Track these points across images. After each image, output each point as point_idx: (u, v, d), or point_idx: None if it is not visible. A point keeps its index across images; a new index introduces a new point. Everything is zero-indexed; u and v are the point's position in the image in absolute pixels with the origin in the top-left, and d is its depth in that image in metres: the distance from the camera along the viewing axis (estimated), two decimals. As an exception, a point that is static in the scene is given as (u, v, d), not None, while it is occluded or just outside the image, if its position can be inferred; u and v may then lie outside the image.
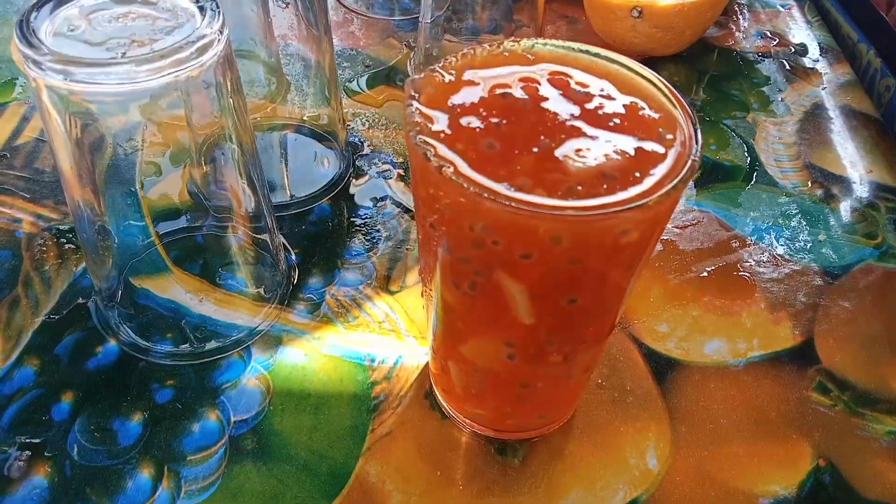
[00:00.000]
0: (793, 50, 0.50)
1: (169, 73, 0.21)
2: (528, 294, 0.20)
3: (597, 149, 0.20)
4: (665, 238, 0.36)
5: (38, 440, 0.26)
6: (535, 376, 0.24)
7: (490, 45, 0.22)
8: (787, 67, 0.48)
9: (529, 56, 0.22)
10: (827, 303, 0.34)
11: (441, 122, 0.20)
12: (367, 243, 0.35)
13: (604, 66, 0.22)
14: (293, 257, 0.33)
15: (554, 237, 0.18)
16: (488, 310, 0.21)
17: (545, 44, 0.23)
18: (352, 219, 0.36)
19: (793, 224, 0.37)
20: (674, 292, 0.34)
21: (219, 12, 0.24)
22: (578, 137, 0.20)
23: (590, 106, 0.21)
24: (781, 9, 0.54)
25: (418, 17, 0.48)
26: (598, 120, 0.20)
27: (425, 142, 0.19)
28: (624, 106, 0.21)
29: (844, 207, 0.38)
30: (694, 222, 0.37)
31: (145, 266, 0.31)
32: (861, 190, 0.39)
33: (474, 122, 0.20)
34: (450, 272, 0.21)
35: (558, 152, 0.19)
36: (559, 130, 0.20)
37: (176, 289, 0.31)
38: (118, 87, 0.21)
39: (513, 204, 0.17)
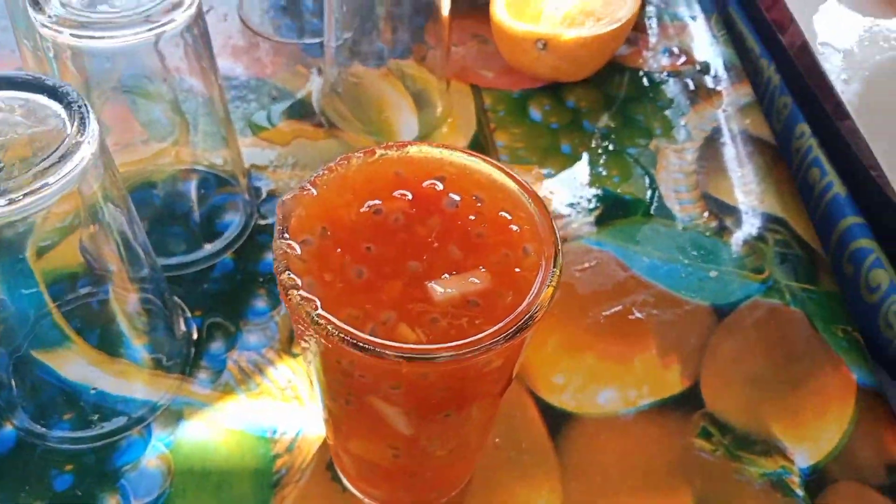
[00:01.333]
0: (697, 68, 0.51)
1: (40, 197, 0.21)
2: (403, 413, 0.21)
3: (463, 271, 0.20)
4: (564, 282, 0.37)
5: (-71, 539, 0.26)
6: (423, 469, 0.25)
7: (364, 153, 0.22)
8: (691, 88, 0.49)
9: (403, 164, 0.23)
10: (714, 343, 0.36)
11: (309, 250, 0.20)
12: (270, 301, 0.35)
13: (477, 172, 0.23)
14: (193, 322, 0.33)
15: (419, 374, 0.19)
16: (367, 422, 0.22)
17: (420, 149, 0.23)
18: (255, 274, 0.36)
19: (687, 261, 0.39)
20: (571, 340, 0.35)
21: (87, 113, 0.23)
22: (446, 259, 0.20)
23: (460, 221, 0.21)
24: (689, 21, 0.55)
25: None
26: (467, 238, 0.21)
27: (290, 277, 0.19)
28: (493, 219, 0.22)
29: (735, 240, 0.40)
30: (593, 264, 0.38)
31: (37, 341, 0.31)
32: (752, 222, 0.41)
33: (344, 248, 0.20)
34: (326, 387, 0.22)
35: (425, 278, 0.20)
36: (428, 251, 0.21)
37: (73, 363, 0.31)
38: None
39: (375, 350, 0.18)
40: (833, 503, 0.31)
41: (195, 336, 0.33)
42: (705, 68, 0.51)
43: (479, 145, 0.43)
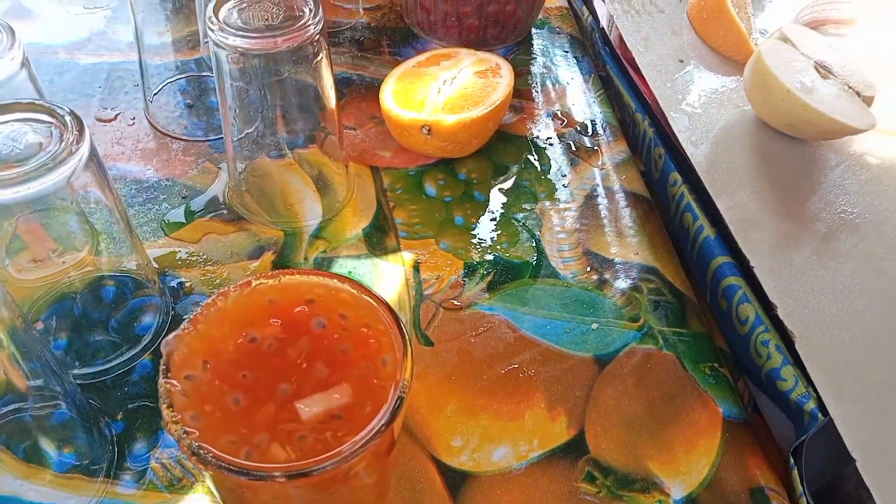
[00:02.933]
0: (577, 129, 0.56)
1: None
2: (288, 512, 0.24)
3: (329, 387, 0.24)
4: (461, 348, 0.41)
5: None
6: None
7: (241, 286, 0.26)
8: (573, 149, 0.54)
9: (276, 292, 0.26)
10: (597, 392, 0.40)
11: (191, 385, 0.23)
12: (189, 397, 0.38)
13: (343, 291, 0.27)
14: (115, 425, 0.36)
15: (293, 487, 0.22)
16: (262, 521, 0.25)
17: (292, 276, 0.27)
18: (173, 373, 0.38)
19: (570, 316, 0.43)
20: (467, 404, 0.39)
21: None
22: (313, 377, 0.24)
23: (326, 340, 0.25)
24: (569, 83, 0.60)
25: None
26: (333, 355, 0.25)
27: (171, 413, 0.23)
28: (356, 334, 0.25)
29: (614, 292, 0.45)
30: (486, 328, 0.42)
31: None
32: (628, 273, 0.46)
33: (221, 379, 0.24)
34: (223, 499, 0.25)
35: (295, 398, 0.23)
36: (297, 373, 0.24)
37: (1, 478, 0.33)
38: None
39: (248, 473, 0.21)
40: (705, 528, 0.35)
41: (117, 439, 0.35)
42: (584, 129, 0.56)
43: (380, 224, 0.47)
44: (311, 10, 0.41)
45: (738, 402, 0.40)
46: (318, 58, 0.42)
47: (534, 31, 0.66)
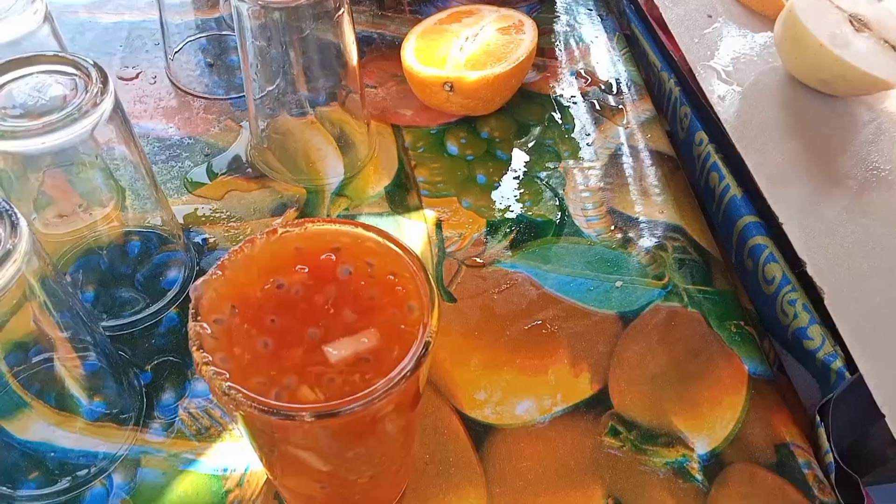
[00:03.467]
0: (601, 88, 0.55)
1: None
2: (318, 456, 0.24)
3: (357, 332, 0.24)
4: (484, 305, 0.41)
5: None
6: (351, 493, 0.28)
7: (267, 234, 0.26)
8: (597, 108, 0.53)
9: (302, 240, 0.26)
10: (620, 348, 0.40)
11: (220, 328, 0.23)
12: (215, 350, 0.38)
13: (368, 240, 0.26)
14: (143, 377, 0.37)
15: (322, 427, 0.22)
16: (292, 464, 0.26)
17: (317, 224, 0.27)
18: (199, 327, 0.39)
19: (594, 274, 0.43)
20: (490, 359, 0.39)
21: (16, 218, 0.26)
22: (341, 323, 0.24)
23: (353, 287, 0.25)
24: (593, 42, 0.59)
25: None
26: (359, 301, 0.25)
27: (202, 355, 0.23)
28: (382, 282, 0.25)
29: (639, 251, 0.44)
30: (509, 285, 0.42)
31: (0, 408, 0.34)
32: (653, 232, 0.45)
33: (250, 323, 0.24)
34: (252, 439, 0.25)
35: (323, 342, 0.24)
36: (324, 318, 0.24)
37: (34, 425, 0.34)
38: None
39: (279, 413, 0.22)
40: (728, 483, 0.35)
41: (145, 390, 0.36)
42: (609, 87, 0.55)
43: (402, 182, 0.47)
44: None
45: (765, 360, 0.40)
46: (340, 12, 0.41)
47: (557, -12, 0.64)
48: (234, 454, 0.34)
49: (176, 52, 0.54)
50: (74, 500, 0.32)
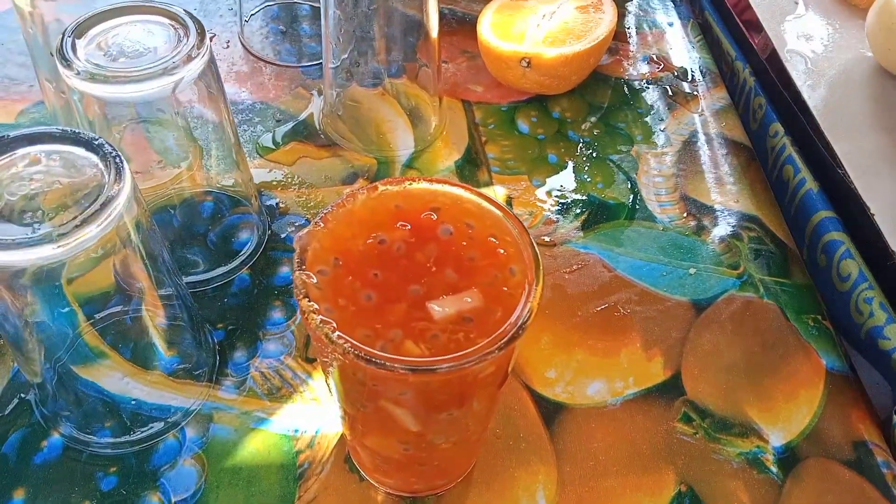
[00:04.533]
0: (675, 74, 0.54)
1: (83, 243, 0.24)
2: (411, 414, 0.24)
3: (458, 292, 0.23)
4: (555, 284, 0.41)
5: (-4, 539, 0.30)
6: (431, 458, 0.28)
7: (368, 190, 0.26)
8: (670, 94, 0.52)
9: (402, 198, 0.26)
10: (694, 335, 0.39)
11: (325, 279, 0.23)
12: (286, 312, 0.38)
13: (468, 202, 0.26)
14: (217, 333, 0.37)
15: (423, 382, 0.22)
16: (379, 422, 0.25)
17: (417, 183, 0.26)
18: (270, 287, 0.39)
19: (667, 260, 0.42)
20: (561, 338, 0.38)
21: (121, 162, 0.26)
22: (443, 281, 0.24)
23: (453, 247, 0.25)
24: (667, 28, 0.58)
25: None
26: (460, 262, 0.24)
27: (309, 304, 0.22)
28: (483, 244, 0.25)
29: (713, 239, 0.43)
30: (581, 266, 0.41)
31: (77, 357, 0.34)
32: (728, 220, 0.44)
33: (354, 276, 0.23)
34: (344, 394, 0.25)
35: (426, 299, 0.23)
36: (427, 276, 0.24)
37: (109, 376, 0.34)
38: (32, 257, 0.24)
39: (385, 364, 0.21)
40: (803, 478, 0.34)
41: (218, 347, 0.36)
42: (683, 74, 0.54)
43: (472, 159, 0.47)
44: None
45: (842, 356, 0.39)
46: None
47: (630, -28, 0.63)
48: (306, 416, 0.34)
49: (247, 21, 0.54)
50: (148, 450, 0.32)
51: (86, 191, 0.26)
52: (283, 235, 0.41)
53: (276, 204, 0.43)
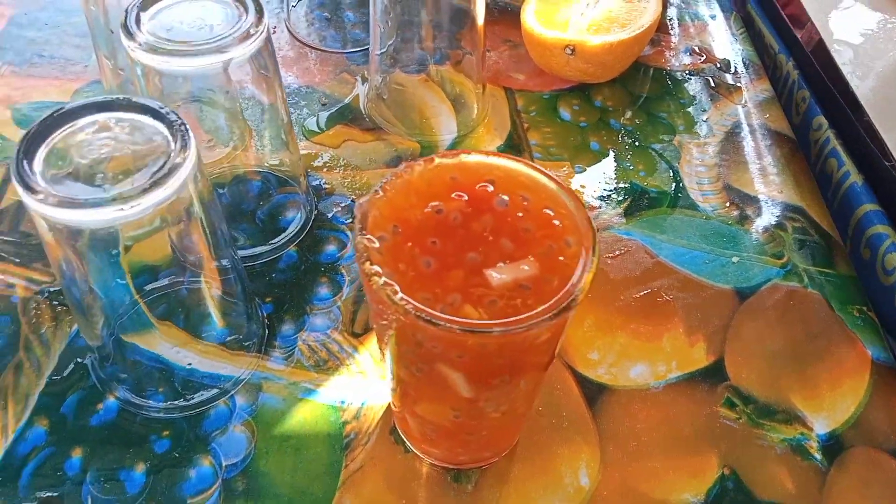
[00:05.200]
0: (718, 66, 0.54)
1: (150, 206, 0.25)
2: (465, 378, 0.24)
3: (514, 261, 0.24)
4: (598, 268, 0.41)
5: (56, 493, 0.31)
6: (479, 428, 0.28)
7: (424, 161, 0.26)
8: (712, 85, 0.52)
9: (458, 170, 0.26)
10: (737, 323, 0.39)
11: (385, 245, 0.24)
12: (332, 288, 0.39)
13: (522, 175, 0.26)
14: (266, 307, 0.37)
15: (481, 345, 0.22)
16: (433, 387, 0.26)
17: (472, 156, 0.27)
18: (317, 264, 0.40)
19: (710, 248, 0.42)
20: (604, 321, 0.38)
21: (187, 131, 0.27)
22: (499, 250, 0.24)
23: (509, 218, 0.25)
24: (709, 20, 0.58)
25: (368, 48, 0.51)
26: (516, 232, 0.25)
27: (372, 268, 0.23)
28: (538, 216, 0.25)
29: (756, 228, 0.43)
30: (623, 251, 0.42)
31: (132, 324, 0.35)
32: (772, 210, 0.44)
33: (413, 242, 0.24)
34: (400, 358, 0.25)
35: (483, 266, 0.24)
36: (483, 244, 0.24)
37: (163, 344, 0.35)
38: (103, 217, 0.25)
39: (445, 325, 0.22)
40: (848, 466, 0.34)
41: (269, 320, 0.37)
42: (725, 66, 0.54)
43: (514, 144, 0.47)
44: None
45: (888, 347, 0.38)
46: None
47: (671, -35, 0.63)
48: (352, 388, 0.35)
49: (293, 6, 0.55)
50: (200, 416, 0.33)
51: (153, 157, 0.26)
52: (329, 215, 0.42)
53: (322, 184, 0.44)
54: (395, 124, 0.47)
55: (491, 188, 0.26)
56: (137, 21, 0.32)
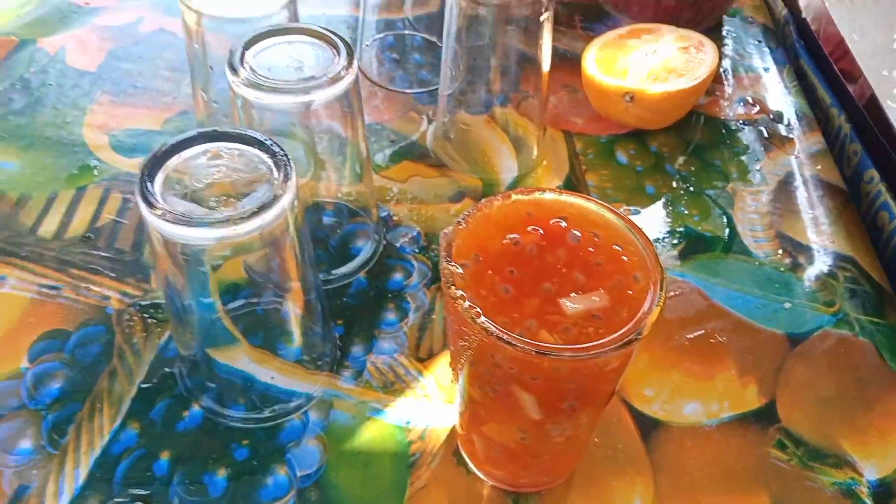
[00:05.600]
0: (771, 117, 0.55)
1: (255, 228, 0.28)
2: (536, 401, 0.26)
3: (586, 293, 0.26)
4: (652, 307, 0.42)
5: (146, 492, 0.33)
6: (542, 451, 0.30)
7: (502, 197, 0.28)
8: (765, 135, 0.54)
9: (533, 206, 0.28)
10: (788, 367, 0.40)
11: (468, 272, 0.26)
12: (398, 314, 0.41)
13: (593, 213, 0.28)
14: (338, 328, 0.40)
15: (555, 368, 0.24)
16: (505, 408, 0.28)
17: (546, 194, 0.29)
18: (385, 291, 0.42)
19: (762, 293, 0.43)
20: (659, 359, 0.40)
21: (289, 164, 0.30)
22: (572, 282, 0.26)
23: (581, 252, 0.27)
24: (763, 72, 0.60)
25: (434, 89, 0.54)
26: (587, 266, 0.27)
27: (457, 292, 0.25)
28: (608, 251, 0.27)
29: (808, 276, 0.44)
30: (678, 293, 0.43)
31: (217, 339, 0.37)
32: (823, 259, 0.45)
33: (493, 271, 0.26)
34: (475, 378, 0.27)
35: (557, 296, 0.26)
36: (557, 276, 0.26)
37: (244, 358, 0.37)
38: (213, 235, 0.28)
39: (525, 347, 0.24)
40: (898, 513, 0.35)
41: (339, 341, 0.39)
42: (778, 117, 0.55)
43: (573, 185, 0.49)
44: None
45: (940, 398, 0.39)
46: (545, 15, 0.44)
47: (725, 18, 0.65)
48: (417, 410, 0.37)
49: (366, 46, 0.59)
50: (275, 428, 0.36)
51: (258, 184, 0.29)
52: (397, 245, 0.44)
53: (390, 216, 0.46)
54: (459, 162, 0.50)
55: (564, 224, 0.28)
56: (242, 59, 0.35)
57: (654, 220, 0.47)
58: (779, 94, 0.58)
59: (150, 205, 0.28)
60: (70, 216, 0.44)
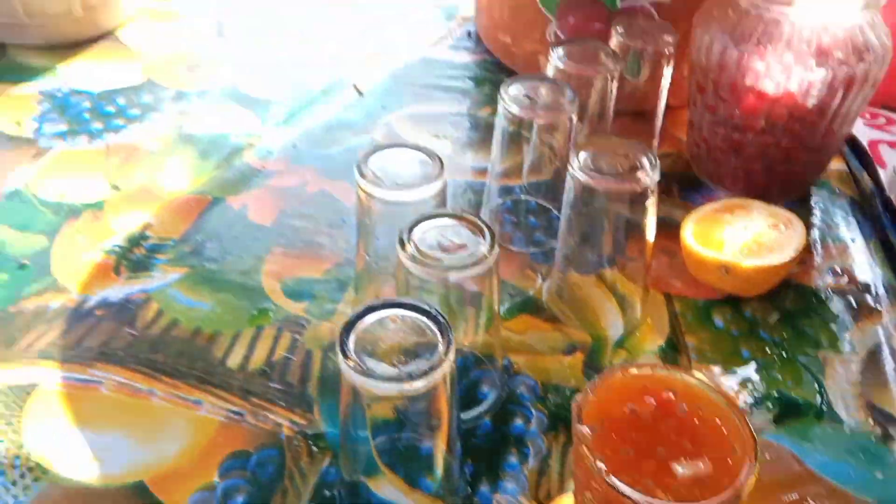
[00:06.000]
0: (858, 287, 0.60)
1: (426, 385, 0.36)
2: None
3: (693, 459, 0.32)
4: (748, 465, 0.47)
5: None
6: None
7: (622, 370, 0.35)
8: (854, 305, 0.58)
9: (648, 379, 0.35)
10: (880, 533, 0.43)
11: (595, 434, 0.32)
12: (519, 457, 0.47)
13: (697, 389, 0.35)
14: (468, 467, 0.46)
15: (667, 523, 0.30)
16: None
17: (657, 368, 0.35)
18: (507, 435, 0.48)
19: (854, 461, 0.47)
20: (754, 515, 0.44)
21: (450, 331, 0.38)
22: (681, 448, 0.32)
23: (688, 423, 0.33)
24: (850, 243, 0.65)
25: (548, 249, 0.62)
26: (694, 436, 0.33)
27: (588, 450, 0.32)
28: (710, 423, 0.33)
29: (899, 446, 0.48)
30: (773, 456, 0.47)
31: (371, 468, 0.44)
32: (914, 430, 0.49)
33: (616, 434, 0.33)
34: (596, 526, 0.33)
35: (669, 459, 0.32)
36: (668, 442, 0.32)
37: (388, 488, 0.44)
38: (395, 389, 0.36)
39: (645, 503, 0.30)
40: None
41: (469, 478, 0.45)
42: (866, 288, 0.60)
43: (674, 345, 0.55)
44: (650, 162, 0.51)
45: None
46: (650, 199, 0.52)
47: (813, 189, 0.71)
48: (536, 545, 0.42)
49: (490, 209, 0.68)
50: (413, 552, 0.42)
51: (427, 347, 0.37)
52: (517, 391, 0.51)
53: (510, 364, 0.53)
54: (571, 318, 0.57)
55: (673, 397, 0.34)
56: (409, 235, 0.44)
57: (749, 382, 0.52)
58: (866, 266, 0.62)
59: (347, 357, 0.36)
60: (251, 351, 0.53)
